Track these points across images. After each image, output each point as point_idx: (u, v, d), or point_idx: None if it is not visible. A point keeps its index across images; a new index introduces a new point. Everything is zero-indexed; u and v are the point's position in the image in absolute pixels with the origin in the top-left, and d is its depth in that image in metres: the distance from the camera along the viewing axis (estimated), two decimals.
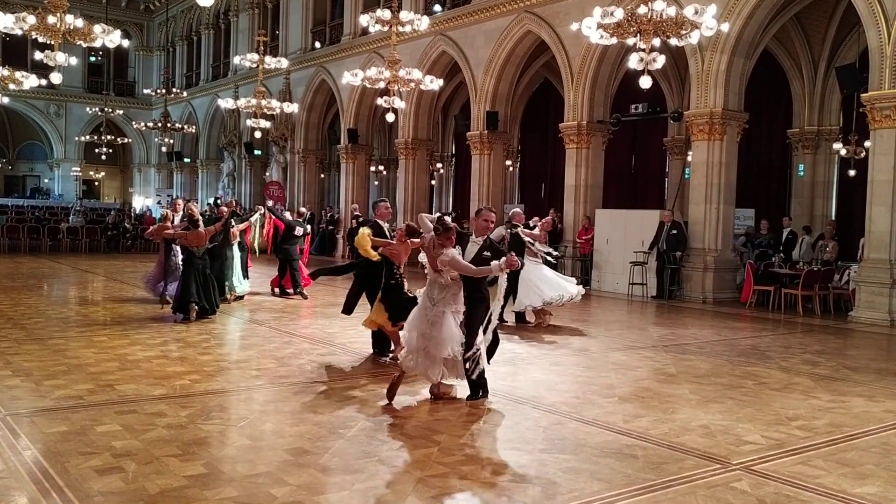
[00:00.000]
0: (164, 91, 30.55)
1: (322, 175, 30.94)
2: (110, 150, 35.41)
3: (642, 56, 9.76)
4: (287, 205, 27.96)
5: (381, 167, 31.01)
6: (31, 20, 12.47)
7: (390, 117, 16.08)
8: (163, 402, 6.39)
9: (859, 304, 13.12)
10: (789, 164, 20.06)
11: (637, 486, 4.77)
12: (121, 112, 38.25)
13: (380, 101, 16.07)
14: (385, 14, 14.42)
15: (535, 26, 18.81)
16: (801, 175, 19.41)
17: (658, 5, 9.61)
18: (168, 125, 30.16)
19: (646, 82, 10.09)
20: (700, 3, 10.13)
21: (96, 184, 45.46)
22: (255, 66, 20.69)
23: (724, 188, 15.58)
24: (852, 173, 17.25)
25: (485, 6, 20.04)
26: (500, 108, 20.42)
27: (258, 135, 23.16)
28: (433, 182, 28.72)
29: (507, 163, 24.22)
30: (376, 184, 31.20)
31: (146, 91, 37.62)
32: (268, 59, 20.35)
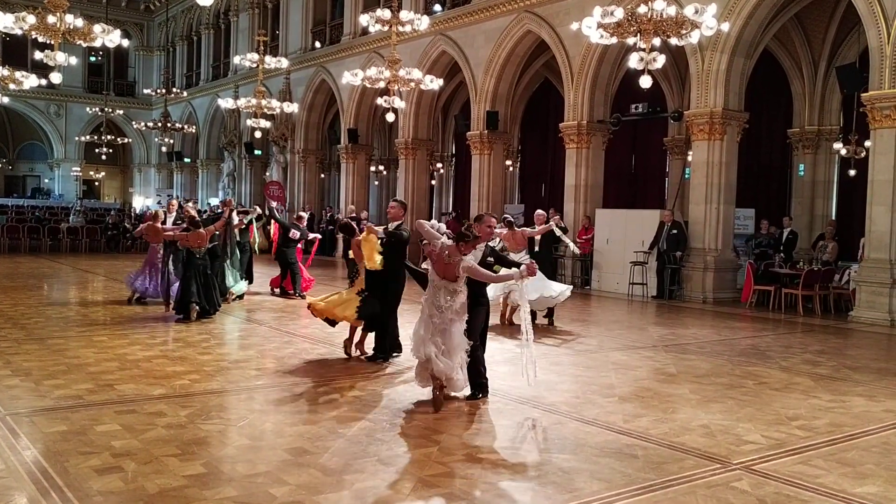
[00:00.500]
0: (164, 91, 30.54)
1: (322, 175, 30.93)
2: (110, 150, 35.41)
3: (642, 56, 9.75)
4: (287, 205, 27.97)
5: (381, 167, 30.99)
6: (31, 20, 12.47)
7: (390, 117, 16.08)
8: (162, 402, 6.39)
9: (859, 304, 13.12)
10: (789, 163, 20.05)
11: (637, 485, 4.76)
12: (121, 112, 38.25)
13: (380, 100, 16.06)
14: (385, 14, 14.41)
15: (535, 26, 18.80)
16: (802, 175, 19.39)
17: (658, 5, 9.59)
18: (168, 125, 30.15)
19: (646, 82, 10.08)
20: (700, 2, 10.11)
21: (96, 184, 45.47)
22: (255, 65, 20.67)
23: (725, 188, 15.57)
24: (852, 173, 17.23)
25: (485, 6, 20.03)
26: (500, 107, 20.41)
27: (258, 135, 23.15)
28: (433, 182, 28.71)
29: (508, 163, 24.21)
30: (376, 184, 31.18)
31: (146, 91, 37.63)
32: (268, 58, 20.33)
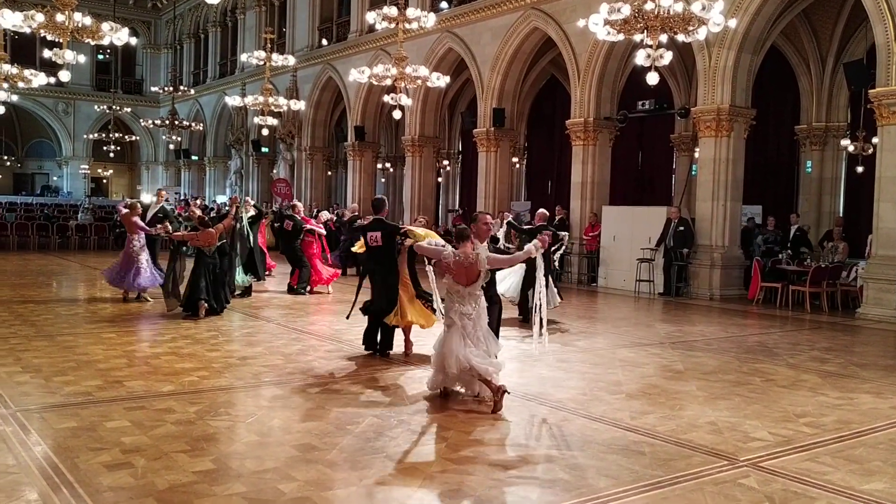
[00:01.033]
0: (171, 89, 30.63)
1: (329, 172, 30.99)
2: (118, 148, 35.58)
3: (649, 52, 9.72)
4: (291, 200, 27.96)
5: (387, 164, 31.03)
6: (40, 18, 12.51)
7: (397, 114, 16.07)
8: (171, 399, 6.43)
9: (867, 301, 13.08)
10: (797, 160, 19.98)
11: (644, 482, 4.77)
12: (128, 110, 38.37)
13: (386, 98, 16.06)
14: (392, 11, 14.42)
15: (542, 23, 18.78)
16: (809, 172, 19.34)
17: (665, 1, 9.55)
18: (176, 123, 30.26)
19: (653, 79, 10.06)
20: None
21: (105, 181, 45.61)
22: (262, 63, 20.69)
23: (732, 185, 15.53)
24: (860, 170, 17.17)
25: (491, 3, 20.01)
26: (506, 104, 20.40)
27: (265, 132, 23.22)
28: (440, 179, 28.72)
29: (514, 160, 24.21)
30: (383, 181, 31.22)
31: (154, 89, 37.76)
32: (275, 56, 20.36)
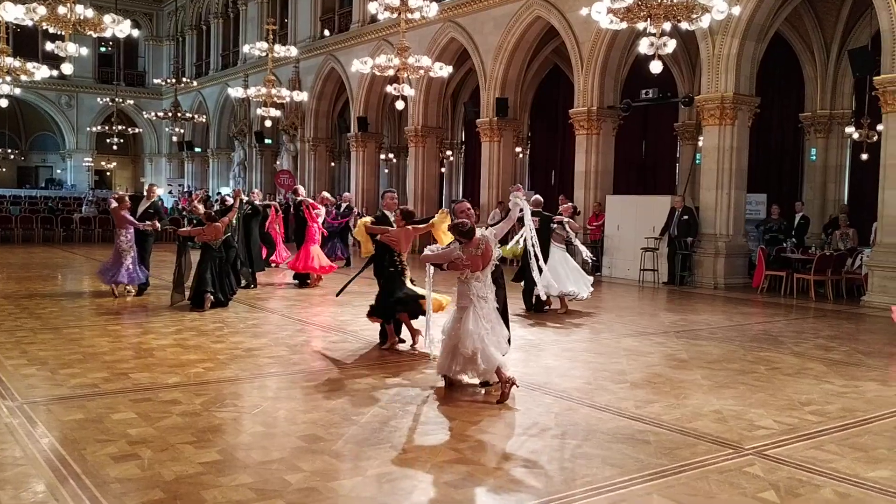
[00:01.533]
0: (174, 81, 30.62)
1: (332, 163, 30.96)
2: (121, 141, 35.58)
3: (652, 40, 9.68)
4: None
5: (391, 155, 31.00)
6: (42, 11, 12.51)
7: (400, 105, 16.04)
8: (177, 390, 6.45)
9: (872, 289, 13.06)
10: (801, 148, 19.91)
11: (649, 471, 4.78)
12: (131, 102, 38.40)
13: (389, 88, 16.04)
14: (394, 1, 14.35)
15: (545, 12, 18.71)
16: (814, 159, 19.27)
17: None
18: (178, 115, 30.25)
19: (656, 67, 10.01)
20: None
21: (108, 174, 45.66)
22: (264, 54, 20.68)
23: (736, 173, 15.49)
24: (865, 157, 17.11)
25: None
26: (509, 94, 20.35)
27: (268, 124, 23.17)
28: (443, 170, 28.69)
29: (517, 150, 24.14)
30: (386, 171, 31.19)
31: (156, 81, 37.74)
32: (277, 47, 20.34)
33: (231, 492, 4.28)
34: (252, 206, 14.47)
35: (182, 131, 35.56)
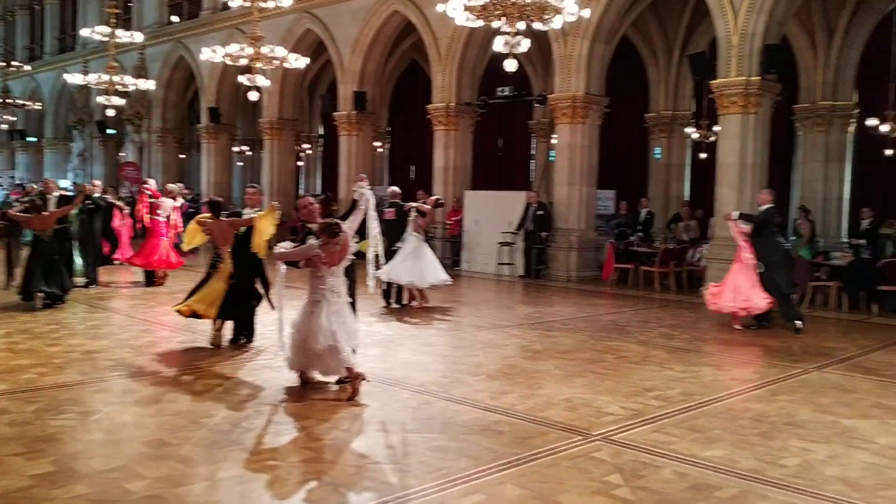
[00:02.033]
0: (3, 64, 28.32)
1: (182, 155, 29.64)
2: None
3: (507, 39, 9.86)
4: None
5: (245, 147, 30.02)
6: None
7: (254, 96, 15.52)
8: (5, 398, 5.94)
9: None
10: (647, 147, 20.95)
11: (503, 461, 4.85)
12: None
13: (242, 78, 15.48)
14: None
15: (402, 6, 18.69)
16: (658, 158, 20.31)
17: None
18: (8, 101, 28.02)
19: (511, 65, 10.20)
20: None
21: None
22: (106, 39, 19.49)
23: (587, 170, 16.08)
24: (703, 156, 18.21)
25: None
26: (367, 88, 20.22)
27: (111, 113, 21.84)
28: (300, 163, 28.16)
29: (377, 144, 24.06)
30: (240, 164, 30.21)
31: None
32: (120, 32, 19.24)
33: None
34: (94, 202, 13.56)
35: (14, 119, 33.02)
